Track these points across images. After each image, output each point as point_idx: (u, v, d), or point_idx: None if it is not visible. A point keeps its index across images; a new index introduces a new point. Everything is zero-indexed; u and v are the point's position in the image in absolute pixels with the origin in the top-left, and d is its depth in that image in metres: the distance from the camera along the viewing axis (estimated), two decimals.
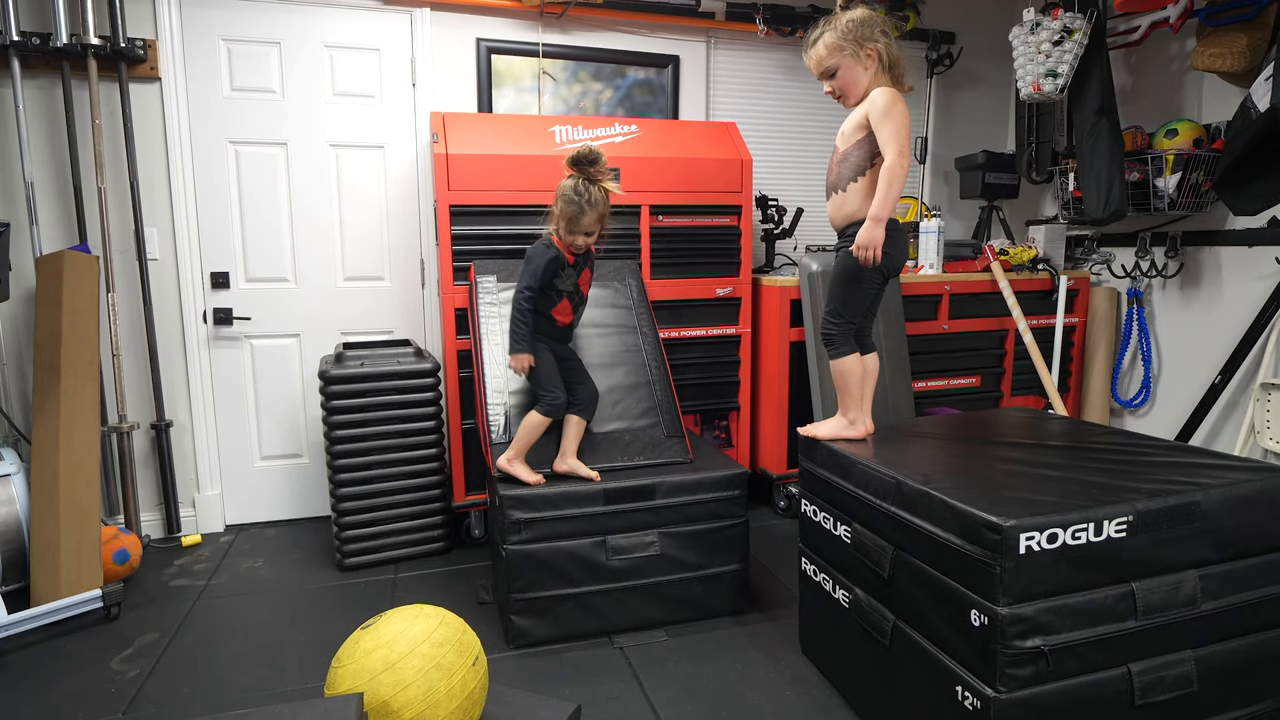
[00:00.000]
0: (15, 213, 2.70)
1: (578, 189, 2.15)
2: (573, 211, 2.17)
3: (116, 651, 2.17)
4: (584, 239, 2.21)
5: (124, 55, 2.72)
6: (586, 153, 2.15)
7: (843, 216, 1.92)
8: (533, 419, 2.21)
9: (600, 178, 2.18)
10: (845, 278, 1.92)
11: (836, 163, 1.92)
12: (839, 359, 1.97)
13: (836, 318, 1.95)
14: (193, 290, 2.96)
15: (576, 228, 2.19)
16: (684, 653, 2.15)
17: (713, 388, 3.17)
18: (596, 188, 2.16)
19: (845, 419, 1.99)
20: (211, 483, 3.07)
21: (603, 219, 2.22)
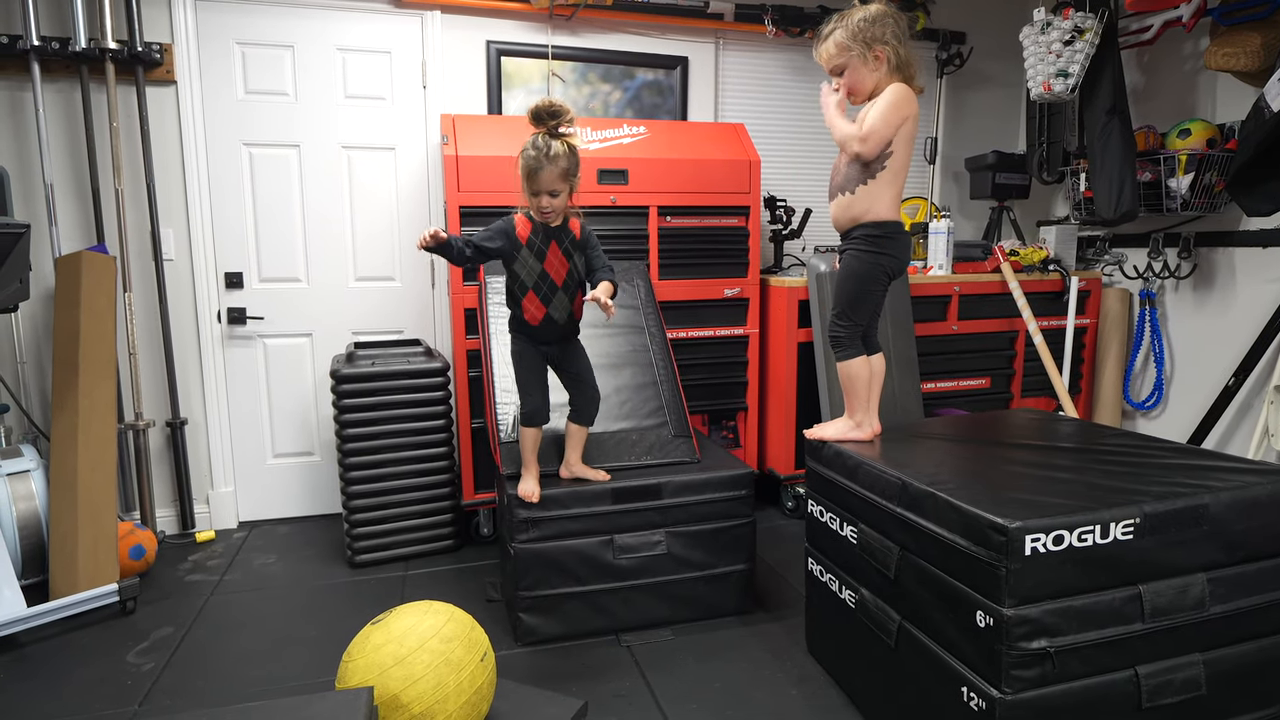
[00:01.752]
0: (35, 214, 2.75)
1: (536, 143, 1.98)
2: (529, 166, 1.98)
3: (133, 645, 2.20)
4: (548, 199, 2.00)
5: (141, 59, 2.76)
6: (546, 105, 1.97)
7: (849, 218, 1.92)
8: (520, 432, 2.20)
9: (565, 132, 1.99)
10: (853, 280, 1.92)
11: (844, 163, 1.93)
12: (846, 361, 1.97)
13: (844, 320, 1.95)
14: (207, 290, 3.00)
15: (536, 185, 1.99)
16: (690, 651, 2.16)
17: (721, 388, 3.18)
18: (559, 142, 1.97)
19: (852, 420, 2.00)
20: (225, 479, 3.11)
21: (567, 176, 2.00)
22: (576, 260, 2.14)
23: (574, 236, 2.13)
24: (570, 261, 2.13)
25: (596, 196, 2.89)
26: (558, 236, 2.11)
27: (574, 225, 2.14)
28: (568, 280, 2.14)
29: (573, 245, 2.13)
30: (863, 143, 1.82)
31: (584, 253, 2.16)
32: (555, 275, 2.12)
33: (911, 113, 1.86)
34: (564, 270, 2.12)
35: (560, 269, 2.12)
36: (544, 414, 2.19)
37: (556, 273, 2.12)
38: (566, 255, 2.12)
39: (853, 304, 1.93)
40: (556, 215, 2.07)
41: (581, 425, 2.24)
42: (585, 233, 2.16)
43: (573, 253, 2.13)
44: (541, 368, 2.20)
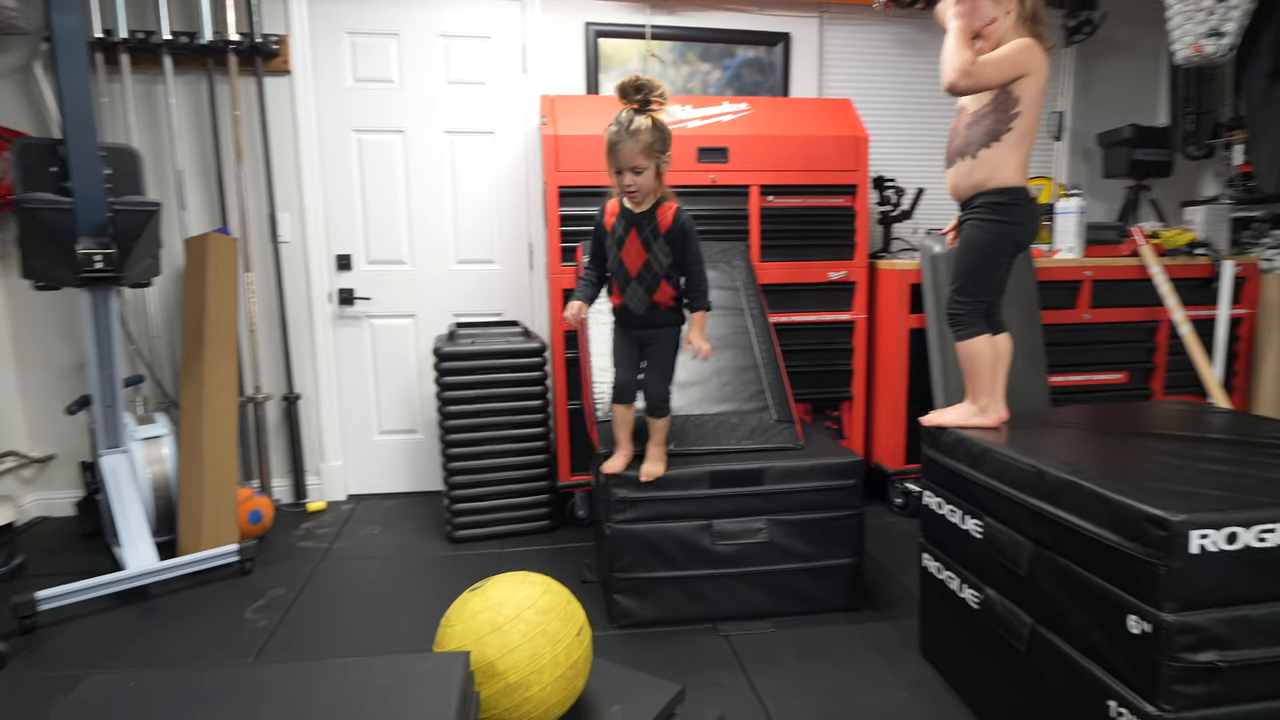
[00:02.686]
0: (166, 198, 2.93)
1: (619, 117, 1.87)
2: (610, 140, 1.87)
3: (249, 602, 2.30)
4: (630, 176, 1.88)
5: (260, 50, 2.89)
6: (633, 80, 1.85)
7: (970, 185, 1.77)
8: (611, 409, 2.17)
9: (653, 108, 1.87)
10: (974, 251, 1.77)
11: (964, 126, 1.78)
12: (967, 340, 1.82)
13: (964, 296, 1.80)
14: (320, 271, 3.12)
15: (616, 161, 1.87)
16: (792, 646, 2.06)
17: (824, 376, 3.04)
18: (644, 116, 1.85)
19: (975, 406, 1.84)
20: (335, 453, 3.23)
21: (652, 153, 1.86)
22: (658, 252, 1.98)
23: (657, 226, 1.97)
24: (649, 252, 1.98)
25: (695, 175, 2.82)
26: (639, 224, 1.97)
27: (663, 213, 1.96)
28: (643, 272, 2.00)
29: (653, 235, 1.97)
30: (964, 76, 1.66)
31: (673, 248, 1.99)
32: (630, 265, 2.01)
33: (1036, 69, 1.70)
34: (640, 261, 1.99)
35: (636, 259, 1.99)
36: (630, 391, 2.13)
37: (632, 262, 2.00)
38: (645, 245, 1.98)
39: (974, 278, 1.78)
40: (642, 195, 1.94)
41: (648, 416, 2.13)
42: (677, 225, 1.97)
43: (653, 243, 1.98)
44: (632, 345, 2.14)
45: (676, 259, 2.01)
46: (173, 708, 1.19)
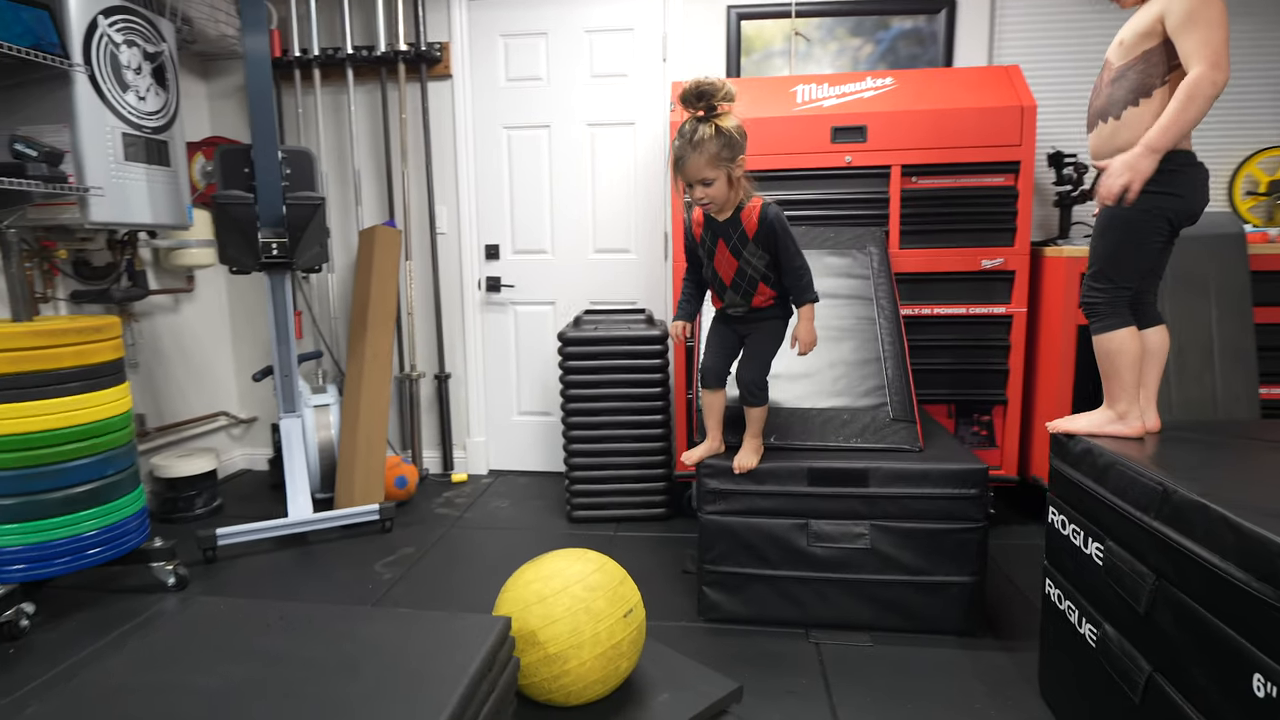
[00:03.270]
0: (345, 194, 3.32)
1: (682, 129, 1.78)
2: (674, 156, 1.79)
3: (382, 557, 2.55)
4: (700, 189, 1.80)
5: (425, 58, 3.17)
6: (693, 86, 1.74)
7: (1112, 150, 1.50)
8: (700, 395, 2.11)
9: (719, 113, 1.75)
10: (1115, 229, 1.50)
11: (1107, 82, 1.51)
12: (1106, 334, 1.55)
13: (1102, 282, 1.53)
14: (471, 260, 3.37)
15: (683, 175, 1.79)
16: (887, 663, 1.88)
17: (972, 375, 2.73)
18: (708, 125, 1.74)
19: (1113, 411, 1.56)
20: (479, 430, 3.48)
21: (719, 162, 1.76)
22: (749, 257, 1.90)
23: (744, 232, 1.87)
24: (740, 259, 1.91)
25: (829, 157, 2.66)
26: (725, 233, 1.89)
27: (748, 216, 1.86)
28: (737, 280, 1.94)
29: (742, 242, 1.88)
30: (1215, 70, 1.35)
31: (765, 249, 1.89)
32: (724, 274, 1.95)
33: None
34: (732, 269, 1.93)
35: (728, 268, 1.93)
36: (716, 376, 2.06)
37: (725, 272, 1.94)
38: (735, 253, 1.90)
39: (1114, 261, 1.51)
40: (718, 206, 1.85)
41: (740, 401, 2.05)
42: (765, 225, 1.85)
43: (743, 250, 1.89)
44: (726, 333, 2.07)
45: (772, 259, 1.91)
46: (246, 630, 1.35)
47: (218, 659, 1.26)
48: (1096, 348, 1.58)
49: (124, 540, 2.20)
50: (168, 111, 2.63)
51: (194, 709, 1.12)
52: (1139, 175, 1.40)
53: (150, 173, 2.55)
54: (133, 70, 2.47)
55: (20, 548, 2.00)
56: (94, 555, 2.13)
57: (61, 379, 2.02)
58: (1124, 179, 1.41)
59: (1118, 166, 1.41)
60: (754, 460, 2.02)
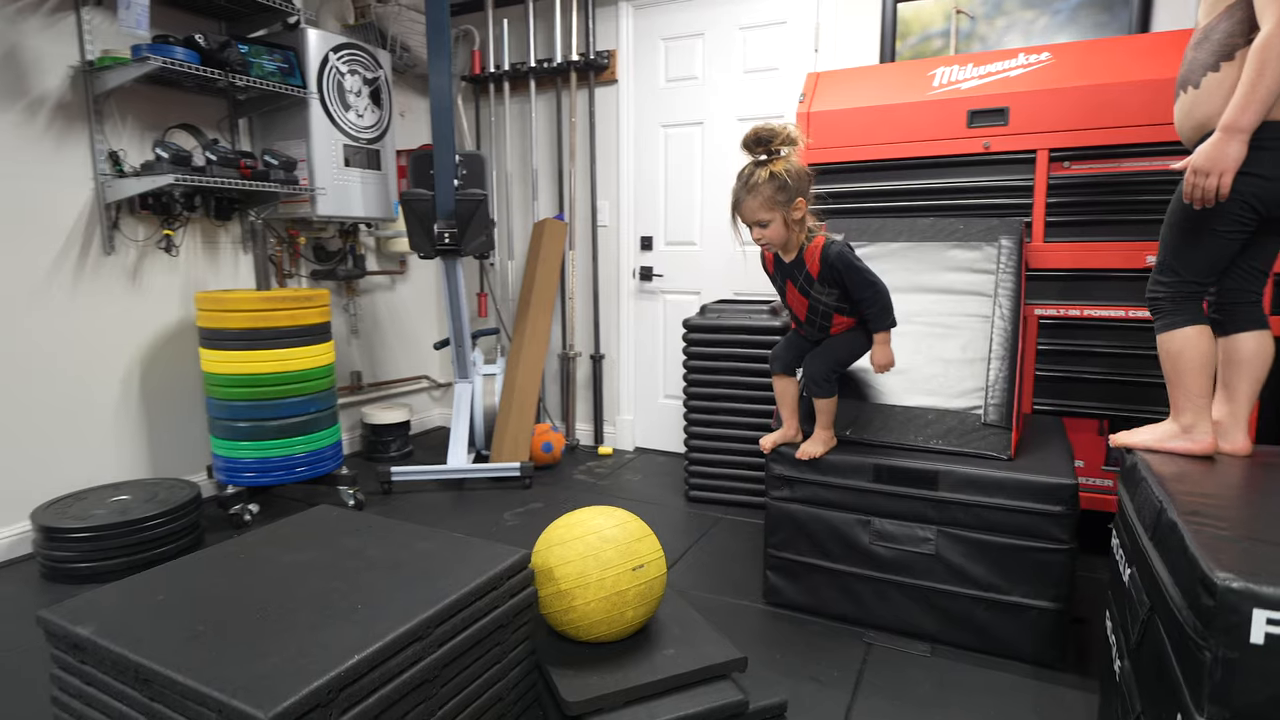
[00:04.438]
0: (525, 191, 3.77)
1: (740, 173, 1.85)
2: (733, 199, 1.88)
3: (513, 507, 2.93)
4: (757, 231, 1.87)
5: (593, 66, 3.49)
6: (752, 134, 1.82)
7: (1193, 125, 1.31)
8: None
9: (774, 158, 1.80)
10: (1183, 217, 1.30)
11: (1191, 44, 1.31)
12: (1167, 333, 1.36)
13: (1167, 274, 1.35)
14: (627, 250, 3.64)
15: (741, 216, 1.88)
16: (936, 675, 1.79)
17: (1131, 389, 2.39)
18: (763, 169, 1.80)
19: (1177, 424, 1.37)
20: (628, 409, 3.75)
21: (774, 205, 1.81)
22: (818, 295, 1.95)
23: (809, 273, 1.92)
24: (809, 298, 1.96)
25: (964, 143, 2.49)
26: (792, 274, 1.96)
27: (810, 257, 1.90)
28: (811, 315, 2.00)
29: (808, 283, 1.94)
30: None
31: (834, 286, 1.92)
32: (797, 310, 2.02)
33: None
34: (803, 306, 1.99)
35: (799, 305, 2.00)
36: (783, 363, 2.09)
37: (797, 308, 2.01)
38: (804, 293, 1.96)
39: (1178, 251, 1.32)
40: (778, 248, 1.93)
41: (805, 391, 2.06)
42: (826, 265, 1.88)
43: (810, 290, 1.95)
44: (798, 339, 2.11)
45: (842, 292, 1.93)
46: (339, 531, 1.73)
47: (308, 545, 1.64)
48: (1159, 348, 1.38)
49: (321, 464, 2.81)
50: (381, 125, 3.24)
51: (270, 572, 1.50)
52: (1226, 167, 1.21)
53: (364, 175, 3.17)
54: (354, 94, 3.09)
55: (249, 460, 2.66)
56: (300, 473, 2.75)
57: (280, 335, 2.64)
58: (1210, 180, 1.23)
59: (1200, 163, 1.23)
60: (819, 450, 2.02)
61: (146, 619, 1.31)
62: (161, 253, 2.81)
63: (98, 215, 2.62)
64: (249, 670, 1.16)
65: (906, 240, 2.48)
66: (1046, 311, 2.44)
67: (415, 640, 1.31)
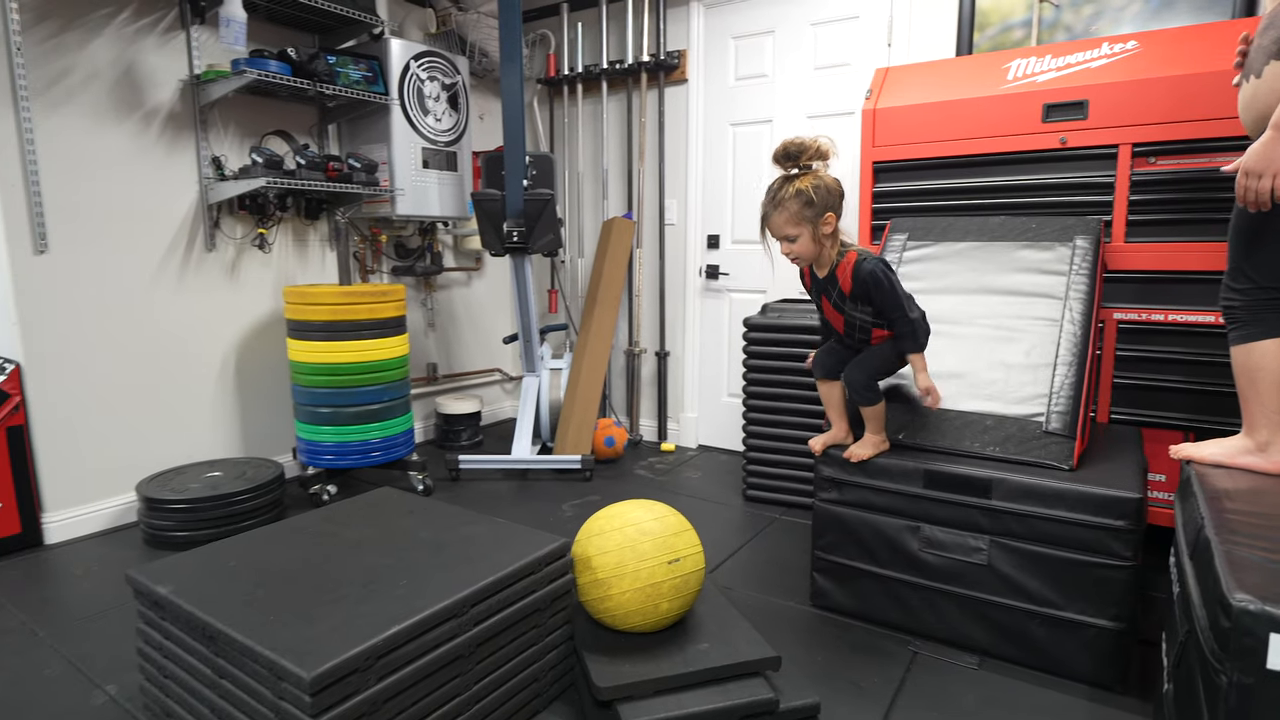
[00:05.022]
0: (596, 190, 3.85)
1: (770, 187, 1.84)
2: (762, 213, 1.86)
3: (572, 499, 3.00)
4: (786, 245, 1.84)
5: (663, 66, 3.52)
6: (781, 148, 1.80)
7: (1254, 117, 1.23)
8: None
9: (803, 174, 1.78)
10: (1244, 220, 1.22)
11: (1259, 30, 1.22)
12: (1243, 345, 1.28)
13: (1240, 281, 1.27)
14: (694, 249, 3.66)
15: (771, 233, 1.87)
16: (984, 692, 1.74)
17: (1219, 399, 2.22)
18: (790, 184, 1.79)
19: (1251, 440, 1.29)
20: (691, 406, 3.78)
21: (800, 220, 1.79)
22: (852, 312, 1.92)
23: (841, 290, 1.89)
24: (844, 313, 1.94)
25: (1039, 138, 2.38)
26: (825, 289, 1.94)
27: (843, 274, 1.87)
28: (849, 329, 1.97)
29: (841, 299, 1.91)
30: None
31: (865, 302, 1.89)
32: (835, 324, 2.00)
33: None
34: (840, 321, 1.97)
35: (836, 320, 1.98)
36: (821, 367, 2.07)
37: (835, 323, 1.99)
38: (838, 309, 1.95)
39: (1251, 255, 1.23)
40: (807, 262, 1.90)
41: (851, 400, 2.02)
42: (858, 283, 1.85)
43: (844, 306, 1.92)
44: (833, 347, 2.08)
45: (877, 307, 1.89)
46: (394, 512, 1.84)
47: (365, 524, 1.76)
48: (1234, 360, 1.30)
49: (394, 450, 2.97)
50: (458, 129, 3.38)
51: (329, 546, 1.62)
52: (1271, 165, 1.13)
53: (441, 176, 3.33)
54: (433, 99, 3.24)
55: (329, 444, 2.85)
56: (374, 457, 2.92)
57: (359, 327, 2.81)
58: (1263, 182, 1.15)
59: (1251, 163, 1.15)
60: (869, 452, 1.99)
61: (216, 583, 1.45)
62: (256, 250, 3.04)
63: (201, 215, 2.86)
64: (298, 634, 1.26)
65: (974, 240, 2.39)
66: (1126, 315, 2.31)
67: (452, 617, 1.39)
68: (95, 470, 2.66)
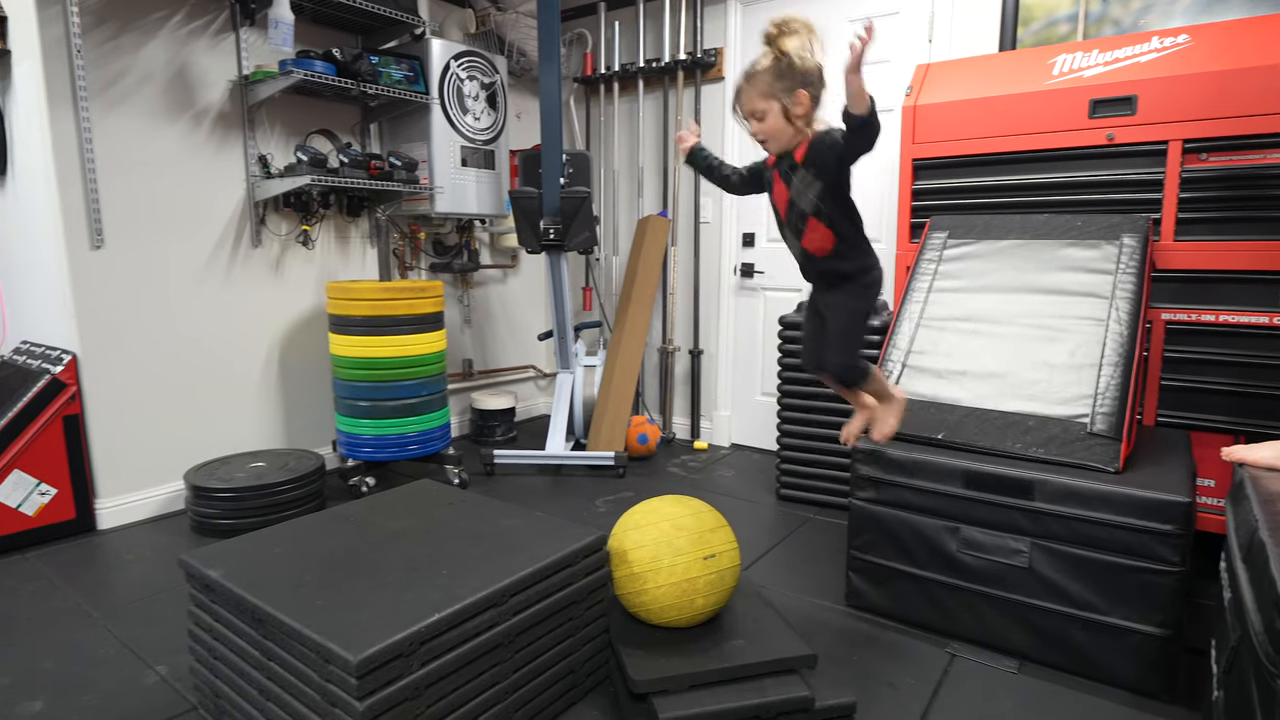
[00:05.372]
0: (632, 188, 3.86)
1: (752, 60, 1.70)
2: (735, 91, 1.73)
3: (605, 495, 3.02)
4: (755, 124, 1.69)
5: (700, 64, 3.52)
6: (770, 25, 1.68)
7: None
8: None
9: (783, 42, 1.65)
10: None
11: None
12: None
13: None
14: (729, 247, 3.65)
15: (740, 108, 1.72)
16: (1024, 697, 1.71)
17: (1267, 401, 2.16)
18: (766, 56, 1.67)
19: None
20: (725, 405, 3.77)
21: (772, 94, 1.64)
22: (798, 184, 1.75)
23: (794, 158, 1.73)
24: (790, 187, 1.77)
25: (1085, 135, 2.33)
26: (779, 164, 1.79)
27: (802, 144, 1.72)
28: (789, 213, 1.80)
29: (791, 168, 1.75)
30: None
31: (816, 170, 1.71)
32: (779, 207, 1.83)
33: None
34: (784, 201, 1.80)
35: (781, 199, 1.81)
36: (810, 360, 2.00)
37: (780, 205, 1.83)
38: (785, 181, 1.78)
39: None
40: (775, 142, 1.73)
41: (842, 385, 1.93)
42: (812, 147, 1.70)
43: (792, 177, 1.75)
44: (812, 315, 1.97)
45: (827, 184, 1.72)
46: (434, 504, 1.88)
47: (407, 514, 1.80)
48: None
49: (430, 444, 3.02)
50: (496, 127, 3.42)
51: (372, 535, 1.65)
52: None
53: (479, 175, 3.37)
54: (472, 98, 3.28)
55: (368, 437, 2.90)
56: (412, 450, 2.96)
57: (398, 323, 2.85)
58: None
59: None
60: (893, 422, 1.95)
61: (265, 568, 1.49)
62: (299, 246, 3.11)
63: (248, 212, 2.94)
64: (344, 619, 1.29)
65: (1017, 237, 2.36)
66: (1175, 316, 2.25)
67: (492, 606, 1.41)
68: (145, 458, 2.75)
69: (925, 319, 2.31)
